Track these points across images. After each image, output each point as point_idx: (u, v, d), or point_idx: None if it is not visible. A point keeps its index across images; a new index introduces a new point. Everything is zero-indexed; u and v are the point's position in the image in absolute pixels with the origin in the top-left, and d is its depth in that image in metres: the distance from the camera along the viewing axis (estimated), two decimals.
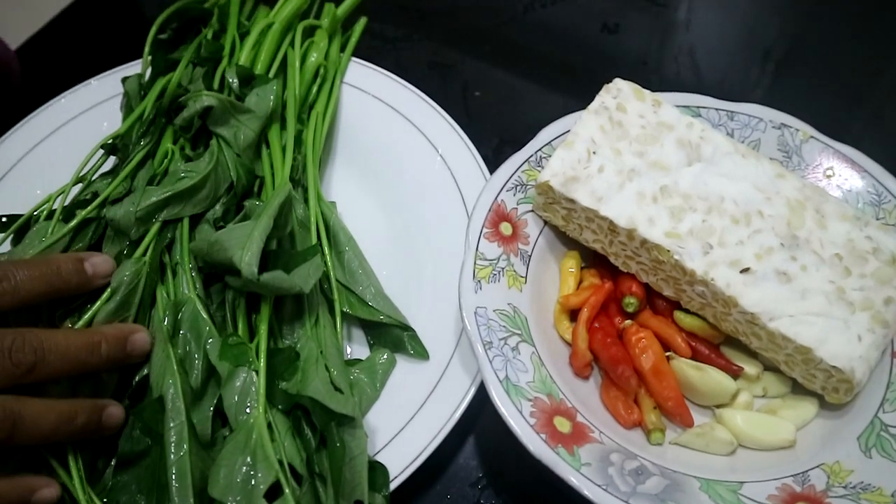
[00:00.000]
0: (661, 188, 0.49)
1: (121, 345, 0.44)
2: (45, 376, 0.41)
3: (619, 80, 0.54)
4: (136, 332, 0.45)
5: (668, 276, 0.49)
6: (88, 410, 0.42)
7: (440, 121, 0.61)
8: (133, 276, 0.47)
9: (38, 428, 0.39)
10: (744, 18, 0.79)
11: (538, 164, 0.53)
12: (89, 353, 0.42)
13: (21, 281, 0.43)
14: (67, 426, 0.41)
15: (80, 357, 0.42)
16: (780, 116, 0.55)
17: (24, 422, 0.39)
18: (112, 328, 0.45)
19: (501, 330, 0.47)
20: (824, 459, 0.43)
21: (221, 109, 0.53)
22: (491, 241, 0.50)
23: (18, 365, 0.39)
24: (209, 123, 0.54)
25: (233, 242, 0.43)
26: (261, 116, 0.54)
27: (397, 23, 0.76)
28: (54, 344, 0.41)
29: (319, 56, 0.62)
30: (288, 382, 0.44)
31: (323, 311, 0.50)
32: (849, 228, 0.48)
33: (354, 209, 0.59)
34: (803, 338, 0.45)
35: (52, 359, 0.41)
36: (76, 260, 0.46)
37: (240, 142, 0.53)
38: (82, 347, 0.42)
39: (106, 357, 0.43)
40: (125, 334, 0.44)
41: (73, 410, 0.41)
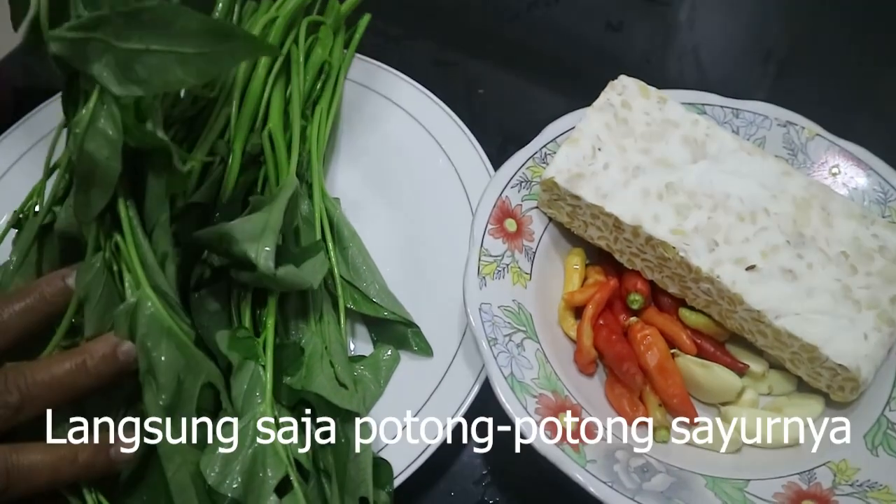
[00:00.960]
0: (667, 185, 0.49)
1: (109, 359, 0.40)
2: (37, 411, 0.39)
3: (625, 77, 0.54)
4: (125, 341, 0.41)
5: (674, 274, 0.49)
6: (92, 449, 0.39)
7: (444, 118, 0.61)
8: (96, 278, 0.41)
9: (37, 473, 0.38)
10: (747, 17, 0.79)
11: (543, 161, 0.53)
12: (77, 376, 0.39)
13: (8, 319, 0.41)
14: (70, 467, 0.38)
15: (68, 381, 0.39)
16: (785, 114, 0.55)
17: (19, 471, 0.37)
18: (98, 343, 0.40)
19: (506, 326, 0.47)
20: (831, 457, 0.43)
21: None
22: (496, 238, 0.50)
23: (6, 406, 0.37)
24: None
25: (245, 236, 0.43)
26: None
27: (401, 20, 0.76)
28: (37, 375, 0.39)
29: (324, 52, 0.62)
30: (293, 378, 0.44)
31: (327, 307, 0.49)
32: (855, 226, 0.48)
33: (358, 205, 0.58)
34: (809, 336, 0.45)
35: (38, 392, 0.38)
36: (58, 278, 0.42)
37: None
38: (68, 372, 0.39)
39: (96, 374, 0.40)
40: (112, 345, 0.40)
41: (73, 450, 0.39)
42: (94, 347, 0.40)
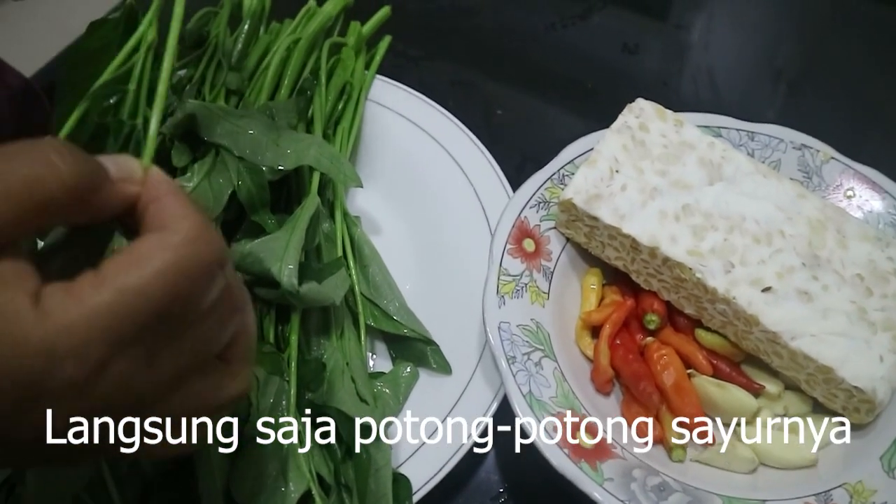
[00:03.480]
0: (684, 207, 0.50)
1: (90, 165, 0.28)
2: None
3: (642, 100, 0.55)
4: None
5: (690, 294, 0.49)
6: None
7: (463, 138, 0.62)
8: None
9: None
10: (761, 39, 0.80)
11: (561, 182, 0.54)
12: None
13: None
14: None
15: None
16: (800, 137, 0.56)
17: None
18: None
19: (524, 345, 0.47)
20: (847, 479, 0.44)
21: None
22: (514, 257, 0.51)
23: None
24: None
25: (268, 254, 0.44)
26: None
27: (421, 42, 0.77)
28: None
29: (345, 73, 0.63)
30: (314, 393, 0.45)
31: (347, 324, 0.50)
32: (870, 249, 0.49)
33: (378, 224, 0.59)
34: (825, 357, 0.45)
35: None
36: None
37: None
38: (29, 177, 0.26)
39: (74, 188, 0.27)
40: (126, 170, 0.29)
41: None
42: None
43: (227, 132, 0.49)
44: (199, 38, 0.62)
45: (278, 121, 0.54)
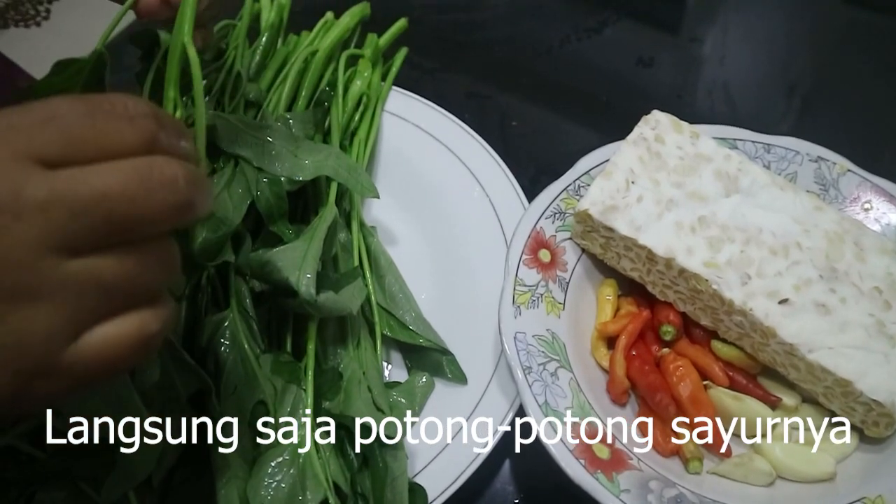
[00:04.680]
0: (700, 219, 0.50)
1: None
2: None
3: (658, 112, 0.55)
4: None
5: (706, 306, 0.49)
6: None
7: (479, 149, 0.62)
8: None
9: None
10: (776, 52, 0.80)
11: (577, 193, 0.54)
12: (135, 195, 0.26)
13: None
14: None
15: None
16: (816, 149, 0.56)
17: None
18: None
19: (540, 355, 0.48)
20: (866, 493, 0.43)
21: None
22: (530, 268, 0.51)
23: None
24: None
25: (286, 263, 0.44)
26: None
27: (436, 54, 0.78)
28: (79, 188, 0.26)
29: (362, 84, 0.64)
30: (331, 402, 0.45)
31: (364, 334, 0.51)
32: (888, 262, 0.49)
33: (394, 234, 0.60)
34: (843, 370, 0.45)
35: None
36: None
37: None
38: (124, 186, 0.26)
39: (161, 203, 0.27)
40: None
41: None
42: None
43: (246, 143, 0.50)
44: (218, 51, 0.63)
45: (296, 132, 0.54)
